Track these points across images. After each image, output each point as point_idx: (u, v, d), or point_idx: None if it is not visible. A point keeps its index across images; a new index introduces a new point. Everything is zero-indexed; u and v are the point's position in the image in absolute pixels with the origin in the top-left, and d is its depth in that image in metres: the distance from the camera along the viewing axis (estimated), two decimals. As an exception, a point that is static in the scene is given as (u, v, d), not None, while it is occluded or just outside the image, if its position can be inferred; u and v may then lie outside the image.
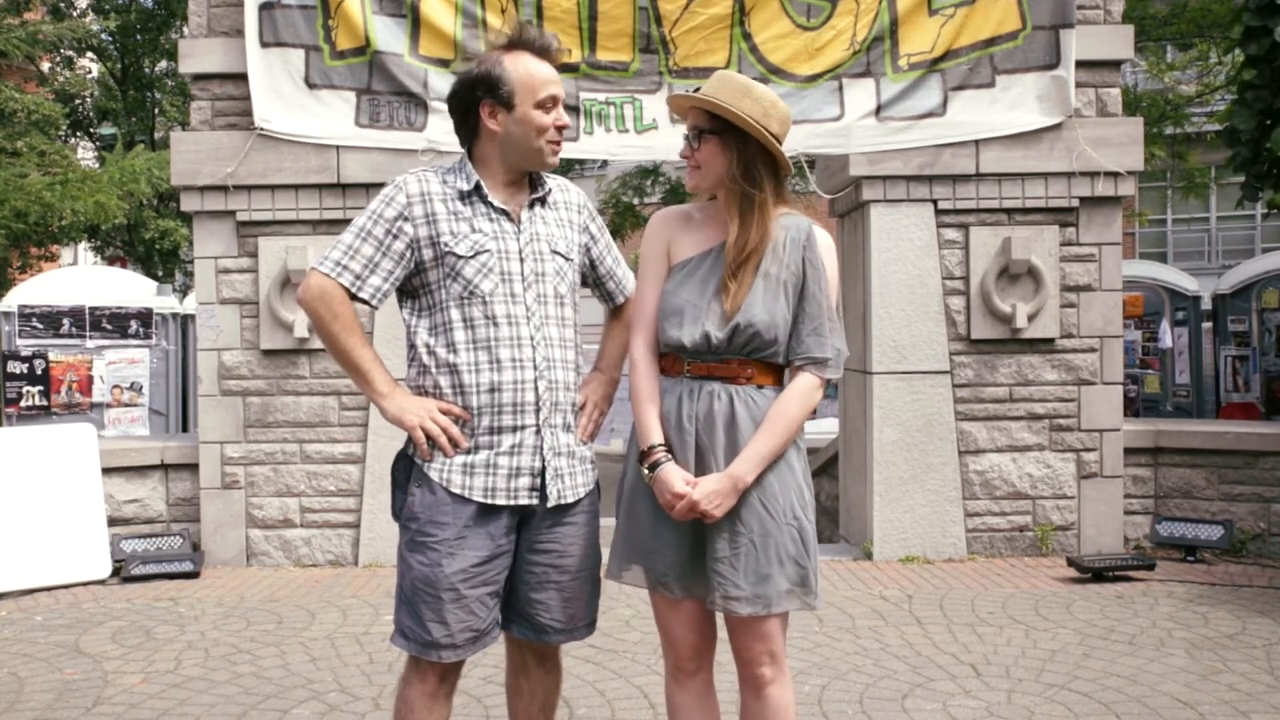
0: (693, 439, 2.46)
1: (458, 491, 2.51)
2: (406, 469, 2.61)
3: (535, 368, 2.52)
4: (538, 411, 2.53)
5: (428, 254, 2.53)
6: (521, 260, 2.56)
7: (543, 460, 2.53)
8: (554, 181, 2.73)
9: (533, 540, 2.58)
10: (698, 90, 2.56)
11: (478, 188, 2.58)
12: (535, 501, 2.54)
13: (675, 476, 2.42)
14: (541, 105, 2.54)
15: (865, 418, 6.63)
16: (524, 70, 2.53)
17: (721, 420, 2.44)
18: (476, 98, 2.57)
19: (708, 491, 2.39)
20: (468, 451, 2.52)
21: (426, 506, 2.52)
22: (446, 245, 2.51)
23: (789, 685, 2.54)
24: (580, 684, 4.18)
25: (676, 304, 2.49)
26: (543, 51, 2.57)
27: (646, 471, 2.46)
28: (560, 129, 2.58)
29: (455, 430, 2.49)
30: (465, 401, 2.51)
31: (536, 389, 2.52)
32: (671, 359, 2.53)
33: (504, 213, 2.58)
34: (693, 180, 2.55)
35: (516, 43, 2.57)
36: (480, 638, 2.52)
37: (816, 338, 2.46)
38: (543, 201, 2.65)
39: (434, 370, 2.54)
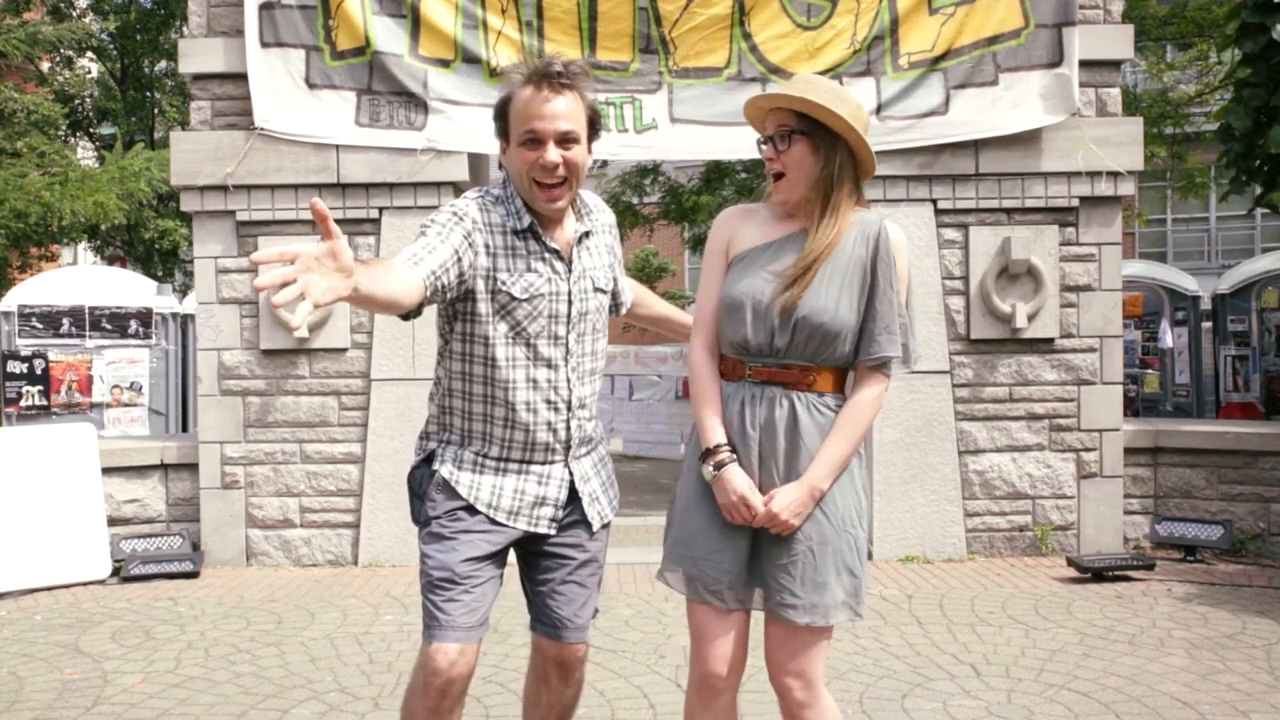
0: (756, 445, 2.41)
1: (482, 510, 2.52)
2: (423, 478, 2.59)
3: (570, 409, 2.56)
4: (567, 449, 2.59)
5: (481, 285, 2.45)
6: (570, 302, 2.54)
7: (571, 491, 2.60)
8: (591, 201, 2.69)
9: (561, 540, 2.63)
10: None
11: (532, 228, 2.49)
12: (552, 532, 2.60)
13: (741, 479, 2.38)
14: (524, 143, 2.42)
15: (865, 417, 6.62)
16: (512, 101, 2.44)
17: (784, 427, 2.39)
18: (495, 131, 2.54)
19: (787, 503, 2.34)
20: (496, 472, 2.54)
21: (447, 507, 2.52)
22: (503, 284, 2.46)
23: (828, 709, 2.44)
24: (580, 684, 4.18)
25: (735, 297, 2.43)
26: (535, 83, 2.42)
27: (711, 470, 2.40)
28: (547, 169, 2.41)
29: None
30: (495, 431, 2.54)
31: (569, 428, 2.57)
32: (732, 363, 2.47)
33: (556, 252, 2.53)
34: (782, 193, 2.44)
35: (524, 72, 2.46)
36: (484, 623, 2.52)
37: (888, 335, 2.39)
38: (589, 233, 2.62)
39: (467, 398, 2.55)
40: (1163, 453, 6.71)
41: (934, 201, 6.52)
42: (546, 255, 2.50)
